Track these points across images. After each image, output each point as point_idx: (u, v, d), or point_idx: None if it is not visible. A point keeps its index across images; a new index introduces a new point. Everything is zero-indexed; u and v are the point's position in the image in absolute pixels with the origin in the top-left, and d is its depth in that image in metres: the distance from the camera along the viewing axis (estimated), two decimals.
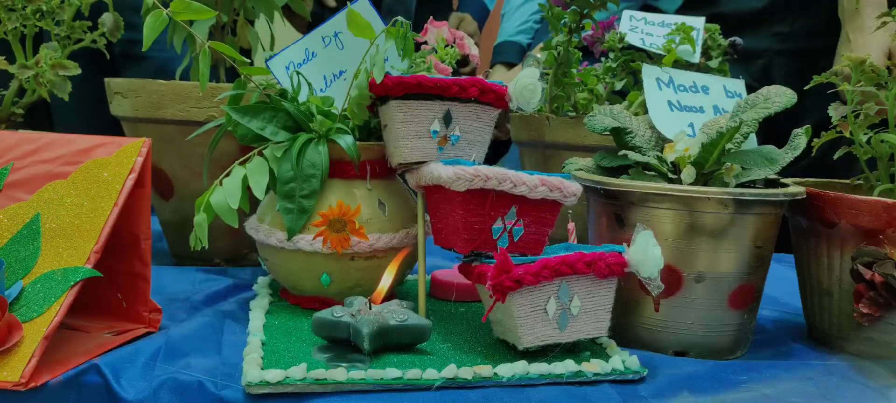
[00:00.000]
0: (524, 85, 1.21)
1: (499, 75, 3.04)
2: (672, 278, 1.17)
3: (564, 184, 1.14)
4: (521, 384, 1.05)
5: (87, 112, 2.30)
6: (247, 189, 1.22)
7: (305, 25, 3.00)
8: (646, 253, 1.08)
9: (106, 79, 1.58)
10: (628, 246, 1.11)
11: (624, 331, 1.21)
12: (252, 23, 1.66)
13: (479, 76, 1.31)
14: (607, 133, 1.31)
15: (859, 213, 1.19)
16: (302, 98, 1.31)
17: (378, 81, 1.20)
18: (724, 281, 1.17)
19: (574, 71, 1.71)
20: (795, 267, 1.35)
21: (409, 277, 1.53)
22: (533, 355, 1.10)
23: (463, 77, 1.22)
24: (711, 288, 1.17)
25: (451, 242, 1.17)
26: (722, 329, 1.19)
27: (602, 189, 1.21)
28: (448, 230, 1.17)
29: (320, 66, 1.36)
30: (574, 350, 1.14)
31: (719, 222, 1.15)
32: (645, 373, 1.09)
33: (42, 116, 2.57)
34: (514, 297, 1.07)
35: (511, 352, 1.12)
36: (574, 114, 1.70)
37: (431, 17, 1.53)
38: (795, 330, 1.37)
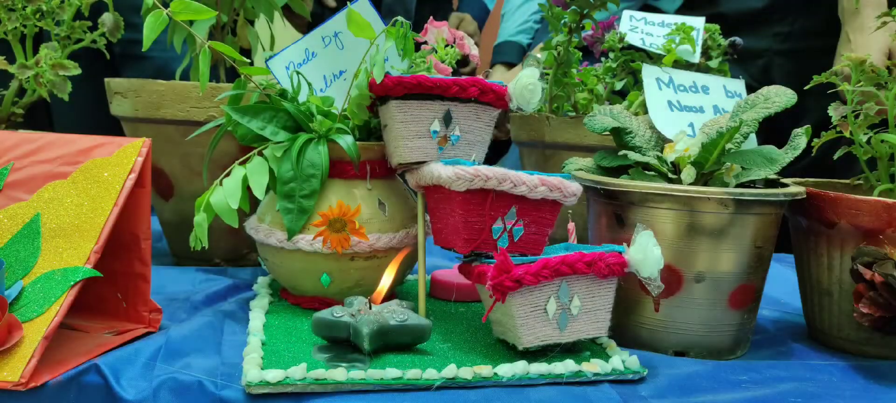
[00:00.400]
0: (524, 85, 1.21)
1: (499, 75, 3.05)
2: (672, 278, 1.17)
3: (564, 184, 1.14)
4: (521, 384, 1.05)
5: (87, 112, 2.30)
6: (247, 189, 1.22)
7: (305, 25, 3.00)
8: (646, 252, 1.08)
9: (106, 80, 1.58)
10: (628, 246, 1.11)
11: (624, 331, 1.21)
12: (252, 23, 1.66)
13: (479, 76, 1.31)
14: (607, 133, 1.31)
15: (859, 213, 1.19)
16: (302, 98, 1.31)
17: (378, 81, 1.20)
18: (724, 281, 1.17)
19: (574, 71, 1.71)
20: (795, 267, 1.35)
21: (409, 277, 1.53)
22: (533, 355, 1.10)
23: (463, 77, 1.22)
24: (711, 288, 1.17)
25: (451, 242, 1.17)
26: (722, 329, 1.19)
27: (602, 189, 1.21)
28: (448, 230, 1.17)
29: (320, 66, 1.36)
30: (574, 350, 1.14)
31: (719, 222, 1.15)
32: (645, 373, 1.09)
33: (42, 116, 2.57)
34: (514, 297, 1.07)
35: (511, 352, 1.12)
36: (574, 114, 1.70)
37: (431, 17, 1.53)
38: (795, 329, 1.37)
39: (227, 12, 1.58)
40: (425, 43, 1.50)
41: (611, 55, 1.70)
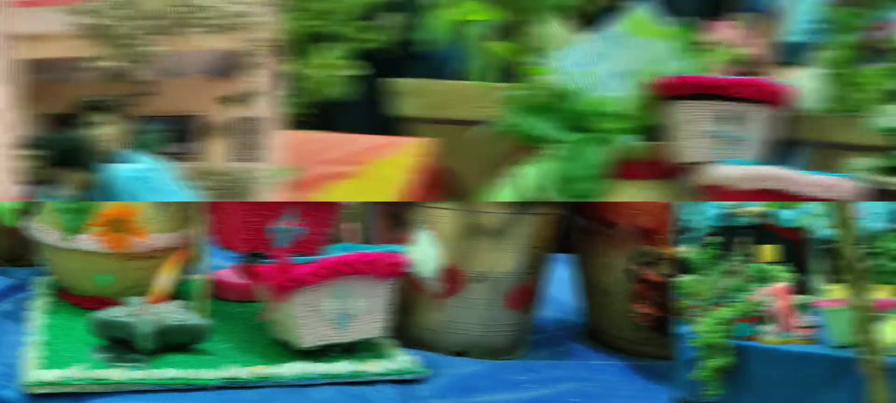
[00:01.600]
0: (806, 85, 1.23)
1: (782, 75, 3.00)
2: (454, 278, 1.19)
3: (840, 184, 1.18)
4: (302, 384, 1.05)
5: (367, 112, 2.21)
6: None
7: (582, 24, 2.91)
8: (426, 253, 1.10)
9: (388, 80, 1.50)
10: (409, 246, 1.13)
11: (406, 332, 1.23)
12: (534, 24, 1.60)
13: (764, 76, 1.31)
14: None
15: (638, 214, 1.23)
16: (582, 98, 1.27)
17: (663, 82, 1.19)
18: (502, 281, 1.20)
19: (857, 70, 1.68)
20: (576, 267, 1.38)
21: (191, 277, 1.52)
22: (313, 355, 1.11)
23: (745, 77, 1.23)
24: (490, 289, 1.20)
25: (231, 242, 1.17)
26: (500, 329, 1.22)
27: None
28: (229, 230, 1.17)
29: (603, 65, 1.32)
30: (355, 350, 1.14)
31: (498, 221, 1.18)
32: (426, 373, 1.11)
33: (324, 116, 2.45)
34: (294, 297, 1.08)
35: (292, 352, 1.12)
36: (856, 113, 1.66)
37: (719, 18, 1.51)
38: (576, 330, 1.40)
39: (509, 13, 1.53)
40: (713, 43, 1.47)
41: None
